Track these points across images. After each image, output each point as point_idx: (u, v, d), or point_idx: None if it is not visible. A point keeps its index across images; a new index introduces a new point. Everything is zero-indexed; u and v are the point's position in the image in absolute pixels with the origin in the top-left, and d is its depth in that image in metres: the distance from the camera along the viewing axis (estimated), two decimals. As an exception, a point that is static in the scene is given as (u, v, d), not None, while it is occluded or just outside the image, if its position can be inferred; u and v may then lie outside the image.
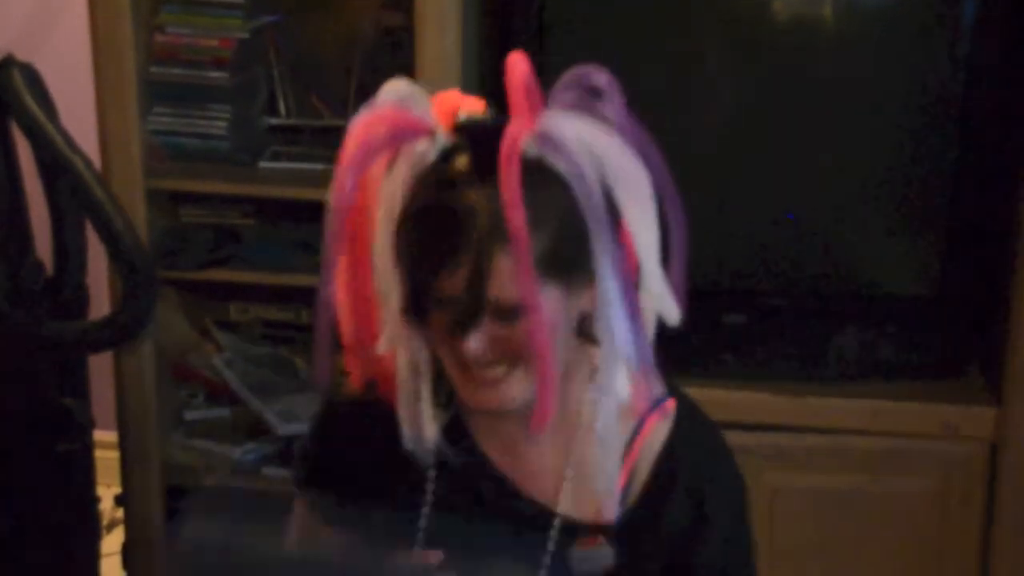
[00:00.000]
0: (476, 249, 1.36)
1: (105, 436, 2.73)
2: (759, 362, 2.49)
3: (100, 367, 2.69)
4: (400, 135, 1.45)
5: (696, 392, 2.38)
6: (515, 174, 1.37)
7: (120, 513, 2.79)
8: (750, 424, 2.46)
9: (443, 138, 1.44)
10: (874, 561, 2.48)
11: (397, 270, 1.44)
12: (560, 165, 1.39)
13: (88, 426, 2.61)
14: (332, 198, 1.46)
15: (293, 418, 2.75)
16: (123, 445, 2.69)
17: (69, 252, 2.54)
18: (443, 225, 1.39)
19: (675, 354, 2.39)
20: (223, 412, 2.84)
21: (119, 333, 2.53)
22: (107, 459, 2.73)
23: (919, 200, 2.47)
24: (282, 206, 2.73)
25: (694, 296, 2.39)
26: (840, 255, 2.51)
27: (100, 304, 2.60)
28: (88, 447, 2.62)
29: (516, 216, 1.36)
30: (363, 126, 1.45)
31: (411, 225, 1.42)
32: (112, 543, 2.81)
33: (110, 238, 2.41)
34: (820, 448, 2.46)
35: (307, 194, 2.64)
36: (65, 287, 2.55)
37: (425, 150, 1.44)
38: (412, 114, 1.46)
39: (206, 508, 1.67)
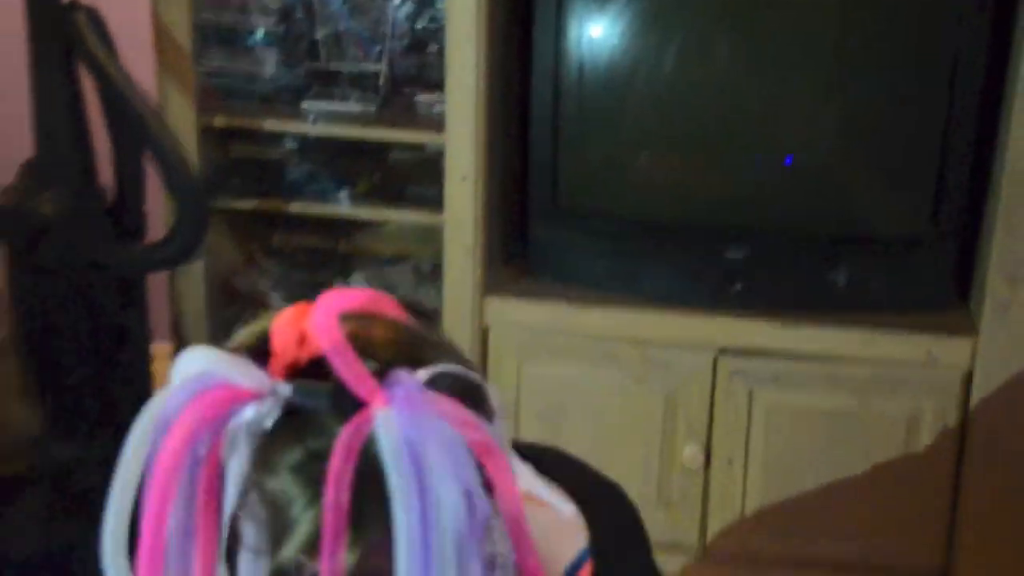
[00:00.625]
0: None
1: (161, 348, 2.77)
2: (758, 293, 2.48)
3: (157, 286, 2.72)
4: (226, 414, 1.15)
5: (700, 320, 2.48)
6: (344, 491, 1.12)
7: None
8: (749, 350, 2.50)
9: (284, 395, 1.16)
10: (858, 478, 2.50)
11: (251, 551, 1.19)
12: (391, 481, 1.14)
13: (145, 338, 2.66)
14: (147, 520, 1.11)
15: None
16: (178, 355, 2.79)
17: (128, 181, 2.57)
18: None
19: (682, 284, 2.51)
20: None
21: (173, 256, 2.57)
22: (162, 371, 2.82)
23: (911, 145, 2.47)
24: (322, 143, 2.76)
25: (700, 231, 2.48)
26: (835, 195, 2.53)
27: (157, 229, 2.62)
28: (145, 358, 2.66)
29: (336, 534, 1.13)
30: (175, 427, 1.12)
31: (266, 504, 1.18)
32: None
33: (165, 169, 2.45)
34: (813, 373, 2.49)
35: (344, 132, 2.70)
36: (125, 212, 2.57)
37: (261, 416, 1.17)
38: (228, 386, 1.16)
39: None
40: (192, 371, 1.17)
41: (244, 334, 1.20)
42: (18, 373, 2.59)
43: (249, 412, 1.14)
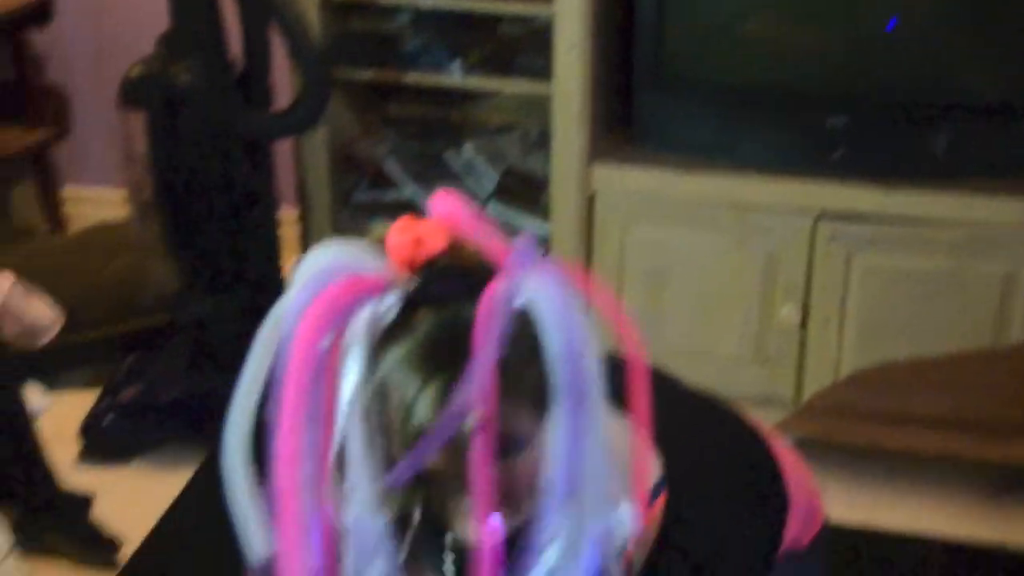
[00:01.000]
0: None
1: (287, 213, 2.83)
2: (858, 159, 2.47)
3: (283, 153, 2.76)
4: (350, 308, 1.21)
5: (800, 186, 2.48)
6: (493, 346, 1.18)
7: None
8: (848, 214, 2.49)
9: (399, 293, 1.22)
10: (951, 337, 2.50)
11: (368, 446, 1.25)
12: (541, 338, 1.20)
13: (273, 201, 2.71)
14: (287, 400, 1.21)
15: None
16: (303, 218, 2.81)
17: (256, 53, 2.60)
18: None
19: (784, 151, 2.51)
20: (383, 195, 2.90)
21: (298, 123, 2.63)
22: (288, 233, 2.82)
23: (1013, 11, 2.41)
24: (435, 16, 2.77)
25: (802, 98, 2.49)
26: (937, 62, 2.48)
27: (283, 99, 2.65)
28: (274, 220, 2.72)
29: (486, 397, 1.17)
30: (299, 326, 1.20)
31: (381, 403, 1.23)
32: None
33: (291, 41, 2.49)
34: (910, 237, 2.49)
35: (457, 4, 2.71)
36: (253, 82, 2.61)
37: (380, 313, 1.22)
38: (356, 277, 1.22)
39: None
40: (321, 266, 1.23)
41: (362, 244, 1.25)
42: (160, 234, 2.65)
43: (372, 304, 1.20)
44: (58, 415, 2.73)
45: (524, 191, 2.85)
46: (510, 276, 1.22)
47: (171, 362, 2.78)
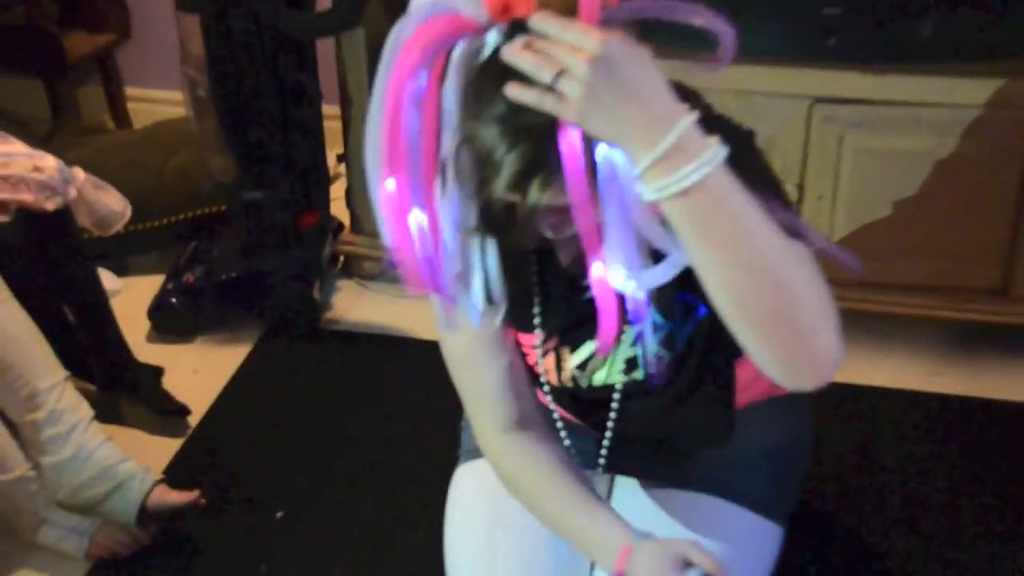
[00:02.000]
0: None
1: (328, 110, 2.81)
2: (851, 46, 2.43)
3: (326, 53, 2.76)
4: (444, 42, 1.22)
5: (797, 72, 2.46)
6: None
7: (342, 168, 2.94)
8: (841, 98, 2.48)
9: (496, 33, 1.21)
10: (932, 210, 2.51)
11: (462, 183, 1.28)
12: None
13: (317, 97, 2.73)
14: (384, 124, 1.25)
15: None
16: (344, 114, 2.79)
17: None
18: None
19: (782, 40, 2.47)
20: None
21: (338, 24, 2.62)
22: (331, 127, 2.84)
23: None
24: None
25: None
26: None
27: (324, 2, 2.68)
28: (318, 115, 2.75)
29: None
30: (399, 49, 1.23)
31: (477, 139, 1.24)
32: (336, 190, 2.96)
33: None
34: (897, 118, 2.47)
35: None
36: None
37: (474, 53, 1.23)
38: (455, 15, 1.22)
39: None
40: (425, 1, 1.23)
41: None
42: (215, 129, 2.65)
43: (464, 45, 1.20)
44: (129, 297, 2.78)
45: None
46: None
47: (228, 246, 2.81)
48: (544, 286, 1.58)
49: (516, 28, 1.19)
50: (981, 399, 2.46)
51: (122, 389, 2.47)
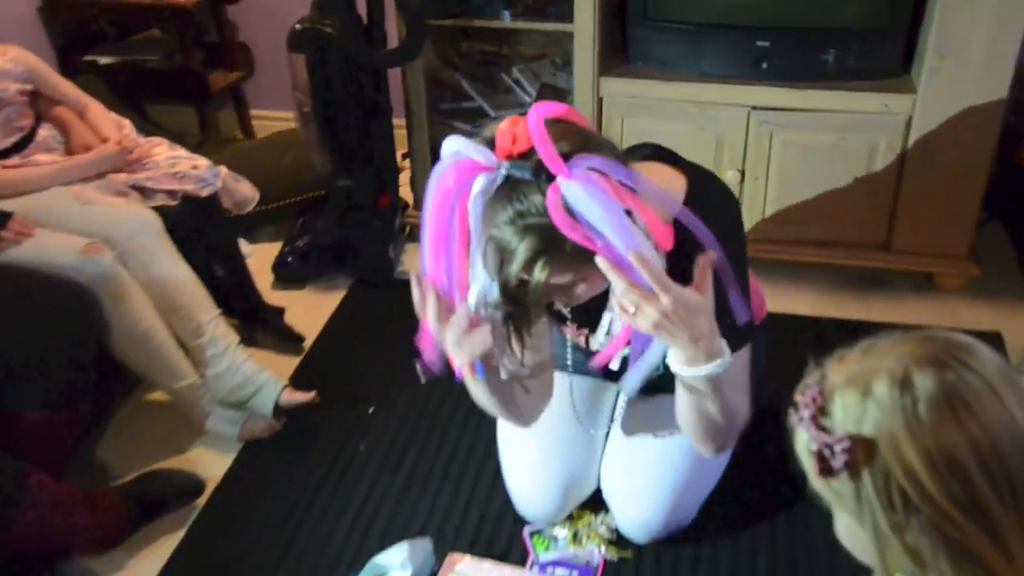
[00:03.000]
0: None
1: (396, 121, 2.85)
2: (777, 69, 2.53)
3: (394, 79, 2.83)
4: (467, 177, 1.31)
5: (739, 88, 2.54)
6: (563, 221, 1.26)
7: (406, 163, 2.97)
8: (771, 107, 2.55)
9: (503, 171, 1.30)
10: (836, 186, 2.59)
11: (488, 268, 1.37)
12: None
13: (389, 111, 2.79)
14: (427, 238, 1.37)
15: (499, 107, 2.91)
16: (408, 124, 2.86)
17: (376, 10, 2.69)
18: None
19: (728, 65, 2.55)
20: (460, 105, 2.95)
21: (403, 57, 2.71)
22: (399, 134, 2.88)
23: None
24: None
25: (740, 29, 2.54)
26: (826, 2, 2.52)
27: (392, 41, 2.74)
28: (390, 124, 2.81)
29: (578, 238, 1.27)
30: (438, 182, 1.34)
31: (493, 245, 1.33)
32: (402, 179, 3.00)
33: (398, 2, 2.59)
34: (811, 121, 2.55)
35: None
36: (374, 30, 2.70)
37: (489, 184, 1.31)
38: (472, 160, 1.31)
39: None
40: (451, 149, 1.34)
41: (480, 136, 1.34)
42: (317, 135, 2.72)
43: (483, 179, 1.31)
44: (258, 258, 2.87)
45: (555, 98, 2.80)
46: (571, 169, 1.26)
47: (327, 220, 2.86)
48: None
49: (517, 161, 1.29)
50: (870, 322, 2.54)
51: (256, 323, 2.54)
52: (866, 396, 0.93)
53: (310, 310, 2.72)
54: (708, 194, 1.56)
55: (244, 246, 2.77)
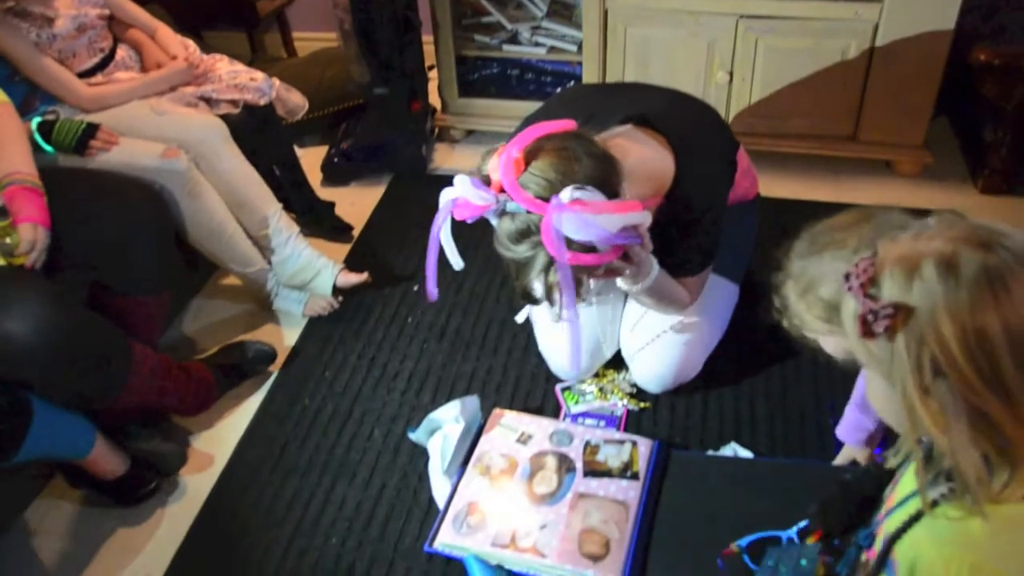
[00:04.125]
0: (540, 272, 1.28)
1: (427, 37, 2.70)
2: None
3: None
4: (474, 212, 1.29)
5: None
6: (554, 243, 1.23)
7: (433, 72, 2.83)
8: (759, 15, 2.38)
9: (497, 207, 1.28)
10: (812, 84, 2.46)
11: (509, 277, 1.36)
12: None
13: (419, 26, 2.61)
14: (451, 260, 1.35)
15: (514, 20, 2.73)
16: (435, 37, 2.71)
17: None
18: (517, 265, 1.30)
19: None
20: (480, 19, 2.78)
21: None
22: (427, 48, 2.73)
23: None
24: None
25: None
26: None
27: None
28: (419, 38, 2.64)
29: (564, 259, 1.24)
30: (453, 212, 1.31)
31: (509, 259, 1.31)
32: (431, 87, 2.82)
33: None
34: (791, 27, 2.40)
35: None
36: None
37: (495, 213, 1.29)
38: (473, 199, 1.28)
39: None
40: (452, 194, 1.30)
41: (478, 174, 1.30)
42: (356, 50, 2.59)
43: (486, 214, 1.29)
44: (307, 161, 2.64)
45: (564, 12, 2.75)
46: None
47: (367, 124, 2.75)
48: None
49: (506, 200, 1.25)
50: (841, 203, 2.36)
51: (312, 215, 2.44)
52: (914, 272, 0.86)
53: (356, 204, 2.62)
54: (692, 171, 1.50)
55: (296, 150, 2.57)
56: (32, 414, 1.52)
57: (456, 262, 1.38)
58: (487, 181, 1.30)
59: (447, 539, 1.52)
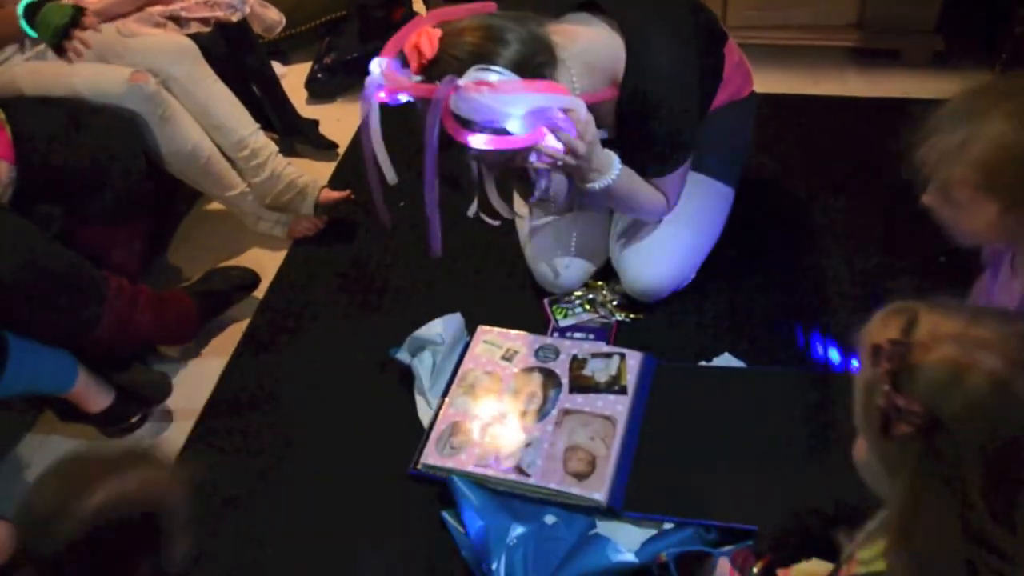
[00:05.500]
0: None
1: None
2: None
3: None
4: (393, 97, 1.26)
5: None
6: (451, 125, 1.21)
7: None
8: None
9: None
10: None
11: None
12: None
13: None
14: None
15: None
16: None
17: None
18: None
19: None
20: None
21: None
22: None
23: None
24: None
25: None
26: None
27: None
28: None
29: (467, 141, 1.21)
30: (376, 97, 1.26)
31: None
32: None
33: None
34: None
35: None
36: None
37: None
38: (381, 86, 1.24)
39: None
40: (371, 83, 1.26)
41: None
42: None
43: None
44: (291, 77, 2.64)
45: None
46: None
47: (350, 37, 2.66)
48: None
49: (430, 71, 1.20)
50: (848, 96, 2.33)
51: (294, 134, 2.37)
52: (957, 383, 0.74)
53: (341, 120, 2.51)
54: (647, 56, 1.39)
55: (278, 67, 2.51)
56: (7, 349, 1.49)
57: (389, 175, 1.29)
58: (406, 63, 1.20)
59: (431, 461, 1.49)
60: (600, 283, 1.82)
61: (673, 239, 1.69)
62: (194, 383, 1.79)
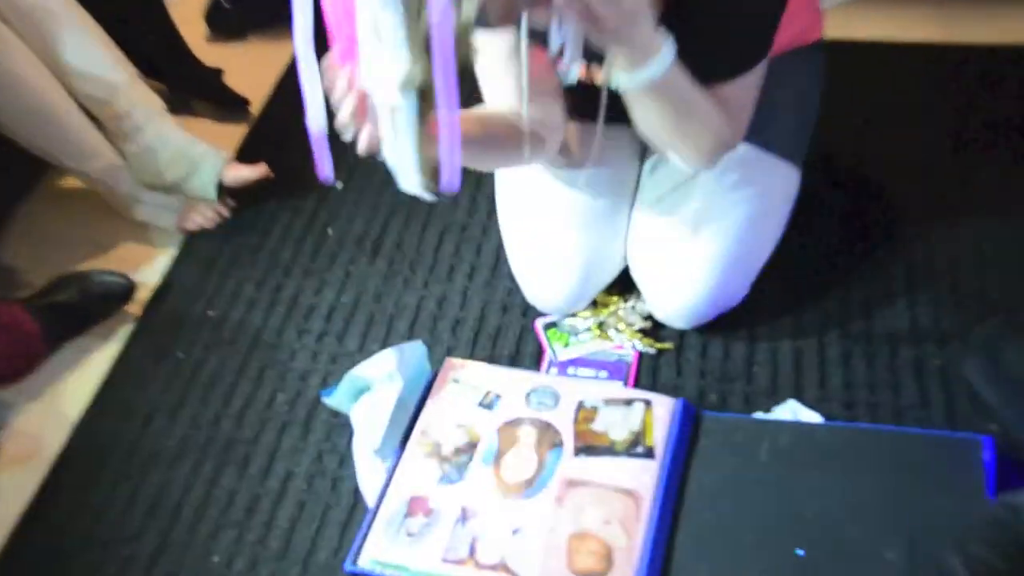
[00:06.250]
0: None
1: None
2: None
3: None
4: None
5: None
6: None
7: None
8: None
9: None
10: None
11: None
12: None
13: None
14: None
15: None
16: None
17: None
18: None
19: None
20: None
21: None
22: None
23: None
24: None
25: None
26: None
27: None
28: None
29: None
30: None
31: None
32: None
33: None
34: None
35: None
36: None
37: None
38: None
39: None
40: None
41: None
42: None
43: None
44: (187, 7, 2.62)
45: None
46: None
47: None
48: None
49: None
50: (943, 44, 2.31)
51: (189, 86, 2.37)
52: None
53: (254, 67, 2.54)
54: None
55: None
56: None
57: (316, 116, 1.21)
58: None
59: (378, 552, 1.46)
60: (614, 299, 1.81)
61: (714, 242, 1.67)
62: (33, 438, 1.76)
